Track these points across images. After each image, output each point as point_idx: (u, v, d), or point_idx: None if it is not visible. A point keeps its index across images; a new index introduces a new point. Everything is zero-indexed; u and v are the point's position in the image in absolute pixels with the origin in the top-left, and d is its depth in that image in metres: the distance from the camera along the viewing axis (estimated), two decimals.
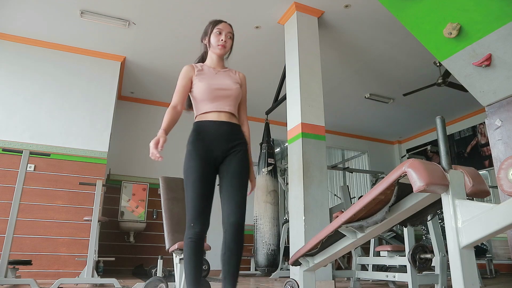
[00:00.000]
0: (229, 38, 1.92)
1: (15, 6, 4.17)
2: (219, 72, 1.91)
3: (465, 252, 1.14)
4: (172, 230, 2.47)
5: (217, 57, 1.94)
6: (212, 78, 1.86)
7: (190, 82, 1.86)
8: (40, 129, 4.57)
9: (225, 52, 1.94)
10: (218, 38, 1.89)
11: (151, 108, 6.58)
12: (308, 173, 3.49)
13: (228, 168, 1.78)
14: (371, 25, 4.46)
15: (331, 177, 7.98)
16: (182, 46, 4.95)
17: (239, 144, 1.83)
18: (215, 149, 1.77)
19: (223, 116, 1.82)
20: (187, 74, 1.87)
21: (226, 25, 1.94)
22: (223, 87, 1.84)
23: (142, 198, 5.69)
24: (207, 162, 1.76)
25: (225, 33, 1.90)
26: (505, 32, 1.60)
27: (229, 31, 1.93)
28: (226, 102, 1.84)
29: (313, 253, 1.99)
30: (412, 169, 1.20)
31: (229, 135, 1.80)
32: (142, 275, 4.93)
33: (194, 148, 1.77)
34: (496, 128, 1.72)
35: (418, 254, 2.64)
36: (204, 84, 1.82)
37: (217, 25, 1.91)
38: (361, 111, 7.02)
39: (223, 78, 1.89)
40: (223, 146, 1.78)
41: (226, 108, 1.83)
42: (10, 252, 3.01)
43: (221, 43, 1.88)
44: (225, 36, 1.90)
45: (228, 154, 1.79)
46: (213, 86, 1.83)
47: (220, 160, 1.79)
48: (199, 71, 1.88)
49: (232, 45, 1.96)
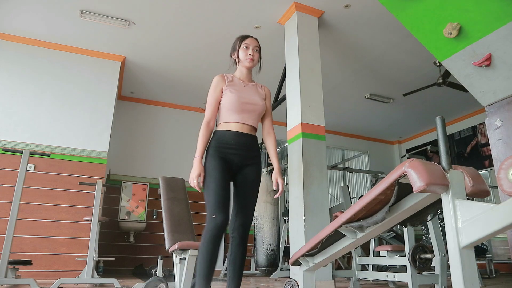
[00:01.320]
0: (256, 51, 2.04)
1: (15, 6, 4.17)
2: (248, 85, 2.03)
3: (465, 252, 1.14)
4: (172, 230, 2.47)
5: (246, 70, 2.05)
6: (242, 91, 1.97)
7: (221, 92, 1.96)
8: (40, 129, 4.57)
9: (254, 65, 2.05)
10: (246, 53, 2.01)
11: (151, 108, 6.58)
12: (308, 173, 3.49)
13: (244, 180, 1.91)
14: (371, 25, 4.46)
15: (331, 177, 7.98)
16: (182, 46, 4.95)
17: (256, 156, 1.95)
18: (234, 157, 1.88)
19: (245, 128, 1.93)
20: (218, 85, 1.97)
21: (253, 39, 2.06)
22: (251, 102, 1.96)
23: (142, 198, 5.69)
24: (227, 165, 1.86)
25: (252, 47, 2.02)
26: (505, 32, 1.60)
27: (256, 45, 2.05)
28: (251, 116, 1.95)
29: (313, 253, 1.99)
30: (412, 169, 1.20)
31: (249, 146, 1.92)
32: (142, 275, 4.93)
33: (216, 151, 1.87)
34: (496, 128, 1.72)
35: (418, 254, 2.64)
36: (234, 96, 1.92)
37: (244, 40, 2.04)
38: (361, 111, 7.02)
39: (252, 93, 2.00)
40: (242, 156, 1.90)
41: (249, 121, 1.94)
42: (10, 252, 3.01)
43: (249, 57, 2.01)
44: (252, 50, 2.02)
45: (245, 164, 1.91)
46: (242, 100, 1.93)
47: (237, 169, 1.91)
48: (230, 81, 1.98)
49: (260, 58, 2.07)
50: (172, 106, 6.71)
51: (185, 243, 2.25)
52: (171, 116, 6.67)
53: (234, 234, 1.85)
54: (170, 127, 6.59)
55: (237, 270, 1.83)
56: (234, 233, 1.85)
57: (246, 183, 1.90)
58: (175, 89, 6.18)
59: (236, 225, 1.85)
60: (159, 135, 6.47)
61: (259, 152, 2.00)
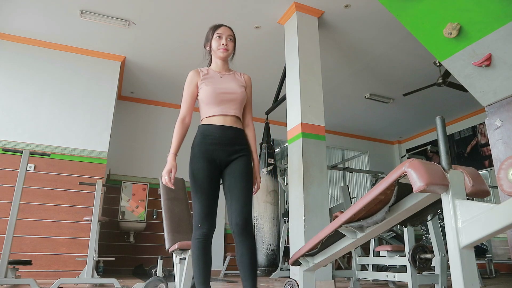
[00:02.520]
0: (230, 40, 1.94)
1: (15, 6, 4.17)
2: (225, 75, 1.94)
3: (465, 252, 1.14)
4: (172, 230, 2.47)
5: (221, 61, 1.97)
6: (218, 82, 1.89)
7: (196, 88, 1.90)
8: (40, 129, 4.57)
9: (228, 55, 1.96)
10: (219, 42, 1.92)
11: (151, 108, 6.58)
12: (308, 173, 3.49)
13: (234, 170, 1.81)
14: (371, 25, 4.46)
15: (331, 177, 7.98)
16: (182, 46, 4.95)
17: (243, 149, 1.86)
18: (220, 153, 1.80)
19: (228, 120, 1.85)
20: (192, 80, 1.92)
21: (226, 28, 1.96)
22: (229, 90, 1.87)
23: (142, 198, 5.69)
24: (213, 165, 1.80)
25: (225, 36, 1.93)
26: (505, 32, 1.60)
27: (229, 34, 1.95)
28: (232, 106, 1.86)
29: (313, 253, 1.99)
30: (412, 169, 1.20)
31: (234, 139, 1.84)
32: (142, 275, 4.93)
33: (199, 151, 1.81)
34: (496, 128, 1.72)
35: (418, 254, 2.64)
36: (210, 88, 1.85)
37: (216, 30, 1.94)
38: (361, 111, 7.02)
39: (229, 81, 1.91)
40: (228, 150, 1.82)
41: (231, 111, 1.86)
42: (10, 252, 3.01)
43: (222, 47, 1.92)
44: (225, 39, 1.92)
45: (233, 158, 1.83)
46: (218, 90, 1.85)
47: (224, 164, 1.83)
48: (205, 75, 1.92)
49: (234, 47, 1.98)
50: (172, 106, 6.71)
51: (185, 243, 2.25)
52: (171, 116, 6.66)
53: (234, 229, 1.74)
54: (170, 127, 6.54)
55: (247, 272, 1.70)
56: (234, 229, 1.74)
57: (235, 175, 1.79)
58: (175, 89, 6.18)
59: (232, 219, 1.75)
60: (159, 135, 6.47)
61: (246, 145, 1.88)
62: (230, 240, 6.20)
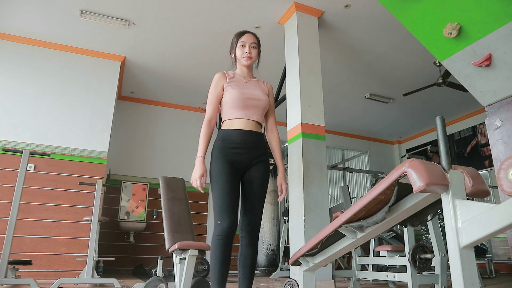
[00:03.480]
0: (253, 48, 1.98)
1: (15, 6, 4.17)
2: (250, 81, 1.98)
3: (465, 252, 1.14)
4: (172, 230, 2.47)
5: (246, 68, 2.00)
6: (244, 87, 1.92)
7: (222, 90, 1.91)
8: (40, 129, 4.57)
9: (251, 63, 1.99)
10: (243, 51, 1.96)
11: (151, 108, 6.58)
12: (308, 173, 3.49)
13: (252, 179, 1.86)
14: (371, 25, 4.46)
15: (331, 177, 7.98)
16: (182, 46, 4.95)
17: (263, 154, 1.90)
18: (241, 157, 1.83)
19: (250, 125, 1.88)
20: (219, 82, 1.93)
21: (250, 36, 2.00)
22: (254, 97, 1.91)
23: (142, 198, 5.69)
24: (233, 166, 1.82)
25: (248, 44, 1.97)
26: (505, 32, 1.60)
27: (252, 42, 1.99)
28: (255, 112, 1.90)
29: (313, 253, 1.99)
30: (412, 169, 1.20)
31: (255, 143, 1.88)
32: (142, 275, 4.93)
33: (221, 154, 1.83)
34: (496, 128, 1.72)
35: (418, 254, 2.64)
36: (236, 91, 1.88)
37: (240, 38, 1.99)
38: (361, 111, 7.02)
39: (254, 88, 1.95)
40: (249, 154, 1.85)
41: (254, 117, 1.89)
42: (10, 252, 3.01)
43: (246, 55, 1.95)
44: (248, 47, 1.96)
45: (253, 163, 1.86)
46: (244, 95, 1.88)
47: (245, 168, 1.86)
48: (231, 78, 1.94)
49: (258, 53, 2.02)
50: (172, 106, 6.71)
51: (185, 243, 2.25)
52: (171, 116, 6.67)
53: (242, 233, 1.83)
54: (170, 127, 6.59)
55: (247, 271, 1.80)
56: (243, 233, 1.82)
57: (254, 182, 1.86)
58: (175, 89, 6.18)
59: (244, 224, 1.82)
60: (159, 135, 6.47)
61: (266, 149, 1.94)
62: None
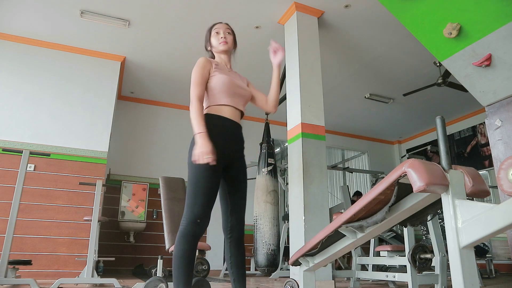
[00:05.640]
0: (228, 34, 1.95)
1: (15, 6, 4.17)
2: (231, 71, 1.93)
3: (465, 252, 1.14)
4: (172, 230, 2.47)
5: (225, 56, 1.95)
6: (230, 75, 1.86)
7: (208, 73, 1.80)
8: (40, 129, 4.57)
9: (229, 47, 1.94)
10: (218, 37, 1.92)
11: (151, 108, 6.58)
12: (308, 173, 3.49)
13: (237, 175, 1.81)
14: (371, 25, 4.46)
15: (331, 177, 7.98)
16: (182, 46, 4.95)
17: (243, 148, 1.87)
18: (226, 149, 1.74)
19: (237, 115, 1.83)
20: (205, 65, 1.79)
21: (222, 24, 1.98)
22: (241, 86, 1.87)
23: (142, 198, 5.69)
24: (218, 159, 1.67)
25: (222, 30, 1.94)
26: (505, 32, 1.60)
27: (226, 28, 1.96)
28: (241, 101, 1.85)
29: (313, 253, 1.99)
30: (412, 169, 1.20)
31: (240, 138, 1.84)
32: (142, 275, 4.93)
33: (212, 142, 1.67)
34: (496, 128, 1.72)
35: (418, 254, 2.64)
36: (226, 77, 1.80)
37: (213, 27, 1.97)
38: (361, 111, 7.02)
39: (237, 78, 1.91)
40: (233, 148, 1.80)
41: (240, 107, 1.84)
42: (10, 252, 3.01)
43: (222, 40, 1.91)
44: (223, 33, 1.93)
45: (235, 157, 1.81)
46: (233, 82, 1.82)
47: (228, 162, 1.77)
48: (217, 64, 1.87)
49: (234, 40, 1.98)
50: (172, 106, 6.71)
51: None
52: (171, 116, 6.67)
53: (232, 234, 1.75)
54: (170, 127, 6.59)
55: (240, 271, 1.76)
56: (233, 233, 1.75)
57: (238, 179, 1.80)
58: (175, 89, 6.18)
59: (233, 224, 1.75)
60: (159, 135, 6.47)
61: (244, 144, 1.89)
62: None
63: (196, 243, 1.64)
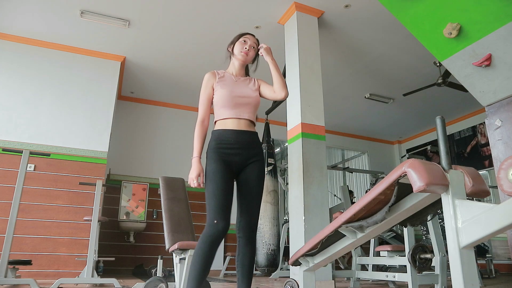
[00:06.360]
0: (253, 48, 1.99)
1: (15, 6, 4.17)
2: (239, 79, 1.97)
3: (465, 252, 1.14)
4: (172, 230, 2.47)
5: (239, 64, 2.00)
6: (233, 86, 1.91)
7: (212, 89, 1.92)
8: (40, 129, 4.57)
9: (247, 60, 2.00)
10: (243, 46, 1.97)
11: (151, 108, 6.58)
12: (308, 173, 3.49)
13: (248, 178, 1.85)
14: (371, 25, 4.46)
15: (331, 177, 7.98)
16: (182, 46, 4.95)
17: (258, 153, 1.89)
18: (236, 157, 1.82)
19: (243, 124, 1.87)
20: (209, 82, 1.93)
21: (253, 37, 2.03)
22: (243, 95, 1.90)
23: (142, 198, 5.69)
24: (228, 167, 1.81)
25: (250, 43, 1.98)
26: (505, 32, 1.60)
27: (254, 42, 2.01)
28: (245, 110, 1.89)
29: (313, 253, 1.99)
30: (412, 169, 1.20)
31: (249, 143, 1.86)
32: (142, 275, 4.93)
33: (215, 154, 1.81)
34: (496, 128, 1.72)
35: (418, 254, 2.64)
36: (225, 91, 1.87)
37: (244, 35, 2.01)
38: (361, 111, 7.02)
39: (243, 86, 1.94)
40: (244, 154, 1.84)
41: (245, 115, 1.88)
42: (10, 252, 3.01)
43: (244, 51, 1.96)
44: (249, 46, 1.98)
45: (248, 162, 1.85)
46: (234, 94, 1.88)
47: (240, 168, 1.85)
48: (221, 77, 1.94)
49: (255, 57, 2.04)
50: (172, 106, 6.71)
51: (185, 243, 2.25)
52: (171, 116, 6.67)
53: (240, 234, 1.81)
54: (170, 127, 6.59)
55: (246, 271, 1.78)
56: (240, 233, 1.81)
57: (249, 182, 1.84)
58: (175, 89, 6.18)
59: (242, 224, 1.81)
60: (159, 135, 6.47)
61: (261, 149, 1.92)
62: (230, 240, 6.20)
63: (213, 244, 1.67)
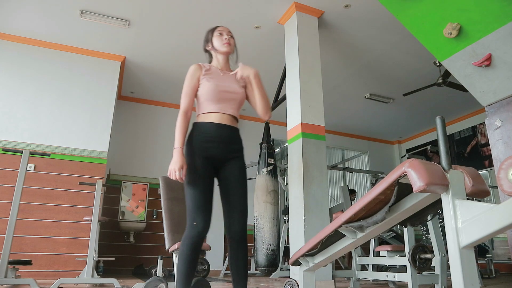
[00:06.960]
0: (231, 37, 1.97)
1: (15, 6, 4.17)
2: (226, 73, 1.93)
3: (465, 252, 1.14)
4: (172, 230, 2.47)
5: (223, 57, 1.97)
6: (220, 79, 1.87)
7: (198, 81, 1.87)
8: (40, 129, 4.57)
9: (231, 50, 1.96)
10: (222, 38, 1.94)
11: (151, 108, 6.58)
12: (308, 173, 3.49)
13: (229, 175, 1.80)
14: (371, 25, 4.46)
15: (331, 177, 7.98)
16: (182, 46, 4.95)
17: (239, 149, 1.85)
18: (216, 151, 1.78)
19: (225, 119, 1.82)
20: (195, 73, 1.88)
21: (225, 27, 2.00)
22: (229, 90, 1.86)
23: (142, 198, 5.69)
24: (208, 162, 1.76)
25: (226, 33, 1.96)
26: (505, 32, 1.60)
27: (229, 31, 1.99)
28: (230, 105, 1.84)
29: (313, 253, 1.99)
30: (412, 169, 1.20)
31: (230, 138, 1.82)
32: (142, 275, 4.93)
33: (195, 147, 1.76)
34: (496, 128, 1.72)
35: (418, 254, 2.64)
36: (211, 84, 1.83)
37: (216, 29, 1.98)
38: (361, 111, 7.02)
39: (230, 81, 1.90)
40: (224, 149, 1.79)
41: (229, 111, 1.84)
42: (10, 252, 3.01)
43: (225, 41, 1.93)
44: (227, 35, 1.95)
45: (228, 158, 1.81)
46: (220, 88, 1.83)
47: (220, 163, 1.80)
48: (207, 70, 1.90)
49: (235, 44, 2.00)
50: (172, 106, 6.71)
51: None
52: (171, 116, 6.66)
53: (230, 234, 1.76)
54: (170, 127, 6.57)
55: (241, 272, 1.75)
56: (231, 234, 1.76)
57: (232, 179, 1.79)
58: (175, 89, 6.17)
59: (230, 224, 1.76)
60: (159, 135, 6.47)
61: (242, 146, 1.87)
62: None
63: (195, 245, 1.65)
